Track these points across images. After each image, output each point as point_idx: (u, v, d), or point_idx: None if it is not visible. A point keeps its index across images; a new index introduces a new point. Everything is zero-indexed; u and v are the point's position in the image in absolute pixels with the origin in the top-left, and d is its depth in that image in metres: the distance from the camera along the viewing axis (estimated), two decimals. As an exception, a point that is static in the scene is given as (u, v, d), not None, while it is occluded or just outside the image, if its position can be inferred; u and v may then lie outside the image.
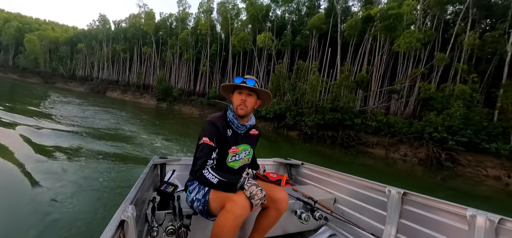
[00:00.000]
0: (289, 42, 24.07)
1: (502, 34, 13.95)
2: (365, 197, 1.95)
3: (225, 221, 1.22)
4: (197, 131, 15.09)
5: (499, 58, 14.36)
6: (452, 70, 15.55)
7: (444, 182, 10.95)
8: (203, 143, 1.40)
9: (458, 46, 15.69)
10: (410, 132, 13.98)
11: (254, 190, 1.23)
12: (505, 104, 12.04)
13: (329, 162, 12.09)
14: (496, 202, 8.60)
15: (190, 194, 1.51)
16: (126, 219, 0.95)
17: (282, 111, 17.88)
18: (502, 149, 11.48)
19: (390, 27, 14.67)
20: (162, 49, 38.12)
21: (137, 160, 6.73)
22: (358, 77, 16.42)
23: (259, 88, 1.49)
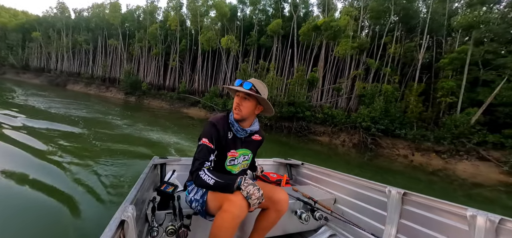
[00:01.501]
0: (255, 42, 26.23)
1: (415, 46, 17.83)
2: (365, 197, 1.95)
3: (222, 221, 1.21)
4: (167, 121, 16.50)
5: (414, 64, 18.30)
6: (381, 73, 19.23)
7: (370, 161, 14.06)
8: (202, 143, 1.38)
9: (387, 53, 19.41)
10: (348, 122, 17.23)
11: (251, 190, 1.21)
12: (411, 102, 15.80)
13: (285, 148, 14.49)
14: (403, 174, 11.54)
15: (189, 194, 1.51)
16: (126, 219, 0.94)
17: (246, 105, 20.02)
18: (408, 134, 15.17)
19: (332, 36, 17.71)
20: (130, 42, 37.48)
21: (122, 141, 8.17)
22: (310, 76, 19.34)
23: (254, 93, 1.43)
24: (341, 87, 19.69)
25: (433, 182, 10.88)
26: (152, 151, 7.53)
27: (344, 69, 21.84)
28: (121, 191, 3.94)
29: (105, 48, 40.35)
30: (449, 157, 13.70)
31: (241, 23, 28.85)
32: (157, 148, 8.35)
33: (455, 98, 15.08)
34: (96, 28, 40.33)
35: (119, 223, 0.92)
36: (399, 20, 19.15)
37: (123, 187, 4.15)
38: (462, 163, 13.44)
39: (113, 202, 3.52)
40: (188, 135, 12.23)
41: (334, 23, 16.81)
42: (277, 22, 21.47)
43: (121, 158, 6.05)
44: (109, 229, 0.86)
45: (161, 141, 9.61)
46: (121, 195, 3.77)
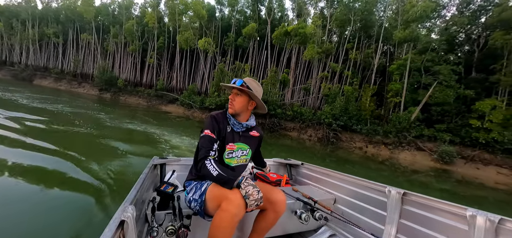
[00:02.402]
0: (232, 43, 27.46)
1: (372, 52, 20.39)
2: (365, 197, 1.96)
3: (221, 220, 1.22)
4: (146, 116, 17.18)
5: (371, 68, 20.89)
6: (344, 75, 21.62)
7: (332, 152, 16.05)
8: (205, 134, 1.45)
9: (349, 58, 21.84)
10: (314, 119, 19.29)
11: (250, 190, 1.23)
12: (364, 101, 18.25)
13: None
14: (359, 163, 13.46)
15: (187, 194, 1.52)
16: (126, 219, 0.95)
17: (222, 103, 21.34)
18: (363, 129, 17.55)
19: (301, 41, 19.65)
20: (104, 37, 36.56)
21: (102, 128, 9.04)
22: (282, 77, 21.14)
23: (247, 90, 1.55)
24: (309, 87, 21.79)
25: (382, 169, 12.97)
26: (144, 139, 8.67)
27: (313, 71, 24.01)
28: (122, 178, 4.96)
29: (76, 42, 38.82)
30: (394, 148, 16.26)
31: (220, 23, 29.86)
32: (151, 142, 9.28)
33: (401, 99, 17.75)
34: (67, 21, 38.59)
35: (119, 223, 0.91)
36: (359, 29, 21.65)
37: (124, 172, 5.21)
38: (404, 153, 16.06)
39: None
40: (171, 128, 13.24)
41: (302, 30, 18.72)
42: (251, 26, 22.97)
43: (112, 144, 7.10)
44: (109, 229, 0.86)
45: (155, 134, 10.56)
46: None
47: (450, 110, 16.25)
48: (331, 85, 20.66)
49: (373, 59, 20.12)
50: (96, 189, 3.90)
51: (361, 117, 18.11)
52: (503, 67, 16.60)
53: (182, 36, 25.74)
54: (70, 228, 2.78)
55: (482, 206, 7.83)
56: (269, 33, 23.89)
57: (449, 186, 11.12)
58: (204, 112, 23.39)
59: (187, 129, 14.56)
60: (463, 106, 16.25)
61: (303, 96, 23.53)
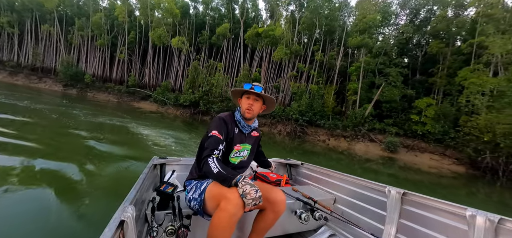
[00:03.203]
0: (206, 40, 27.94)
1: (335, 54, 22.56)
2: (365, 197, 1.97)
3: (219, 220, 1.23)
4: (120, 112, 17.15)
5: (334, 69, 23.09)
6: (311, 75, 23.57)
7: (299, 145, 17.58)
8: (212, 135, 1.46)
9: (315, 59, 23.83)
10: (283, 115, 20.88)
11: (247, 189, 1.22)
12: (327, 98, 20.31)
13: None
14: (322, 154, 14.92)
15: (188, 194, 1.54)
16: (126, 219, 0.95)
17: (197, 100, 21.95)
18: (326, 124, 19.55)
19: (271, 42, 21.08)
20: (68, 30, 34.38)
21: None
22: (254, 75, 22.38)
23: (265, 95, 1.61)
24: (279, 85, 23.37)
25: (341, 159, 14.77)
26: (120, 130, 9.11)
27: (283, 70, 25.64)
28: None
29: (35, 33, 35.87)
30: (351, 140, 18.47)
31: (194, 20, 30.04)
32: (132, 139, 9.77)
33: (357, 97, 20.09)
34: (23, 10, 35.41)
35: (118, 223, 0.92)
36: (325, 33, 23.72)
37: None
38: (359, 144, 18.34)
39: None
40: (146, 121, 13.60)
41: (272, 32, 20.10)
42: (224, 27, 23.82)
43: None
44: (109, 229, 0.86)
45: (130, 128, 10.98)
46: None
47: (396, 107, 18.91)
48: (299, 84, 22.44)
49: (335, 61, 22.28)
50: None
51: (324, 113, 20.12)
52: (438, 71, 19.74)
53: (155, 33, 25.60)
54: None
55: (417, 186, 9.67)
56: (243, 32, 24.95)
57: (393, 171, 13.13)
58: (178, 109, 23.72)
59: (168, 124, 15.03)
60: (406, 103, 18.99)
61: (273, 94, 25.07)
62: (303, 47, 24.21)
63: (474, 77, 15.02)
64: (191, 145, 9.71)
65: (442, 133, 16.22)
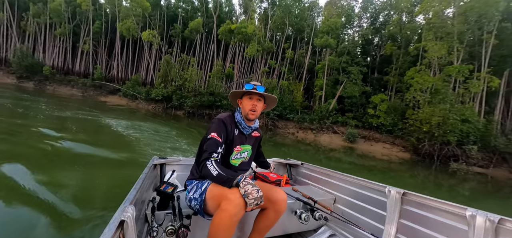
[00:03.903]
0: (179, 34, 27.57)
1: (304, 52, 24.05)
2: (364, 197, 1.97)
3: (220, 220, 1.23)
4: (90, 108, 16.52)
5: (303, 66, 24.63)
6: (282, 71, 24.85)
7: (270, 138, 18.58)
8: (211, 137, 1.45)
9: (286, 56, 25.13)
10: (255, 109, 21.83)
11: (249, 189, 1.22)
12: (296, 94, 21.79)
13: (195, 134, 17.16)
14: (292, 146, 15.96)
15: (188, 193, 1.54)
16: (126, 219, 0.95)
17: (169, 94, 21.86)
18: (295, 117, 20.99)
19: (243, 39, 21.82)
20: (22, 16, 31.14)
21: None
22: (227, 71, 22.94)
23: (268, 94, 1.62)
24: (252, 81, 24.25)
25: (309, 150, 16.10)
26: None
27: (255, 66, 26.56)
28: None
29: (-21, 18, 31.78)
30: (317, 132, 20.16)
31: (165, 12, 29.33)
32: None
33: (323, 92, 21.84)
34: (-37, -9, 31.10)
35: (118, 223, 0.92)
36: (295, 32, 25.07)
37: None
38: (324, 136, 20.10)
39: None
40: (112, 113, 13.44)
41: (244, 29, 20.80)
42: (197, 22, 23.86)
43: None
44: (109, 229, 0.86)
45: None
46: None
47: (356, 102, 21.02)
48: (271, 80, 23.56)
49: (304, 59, 23.79)
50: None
51: (294, 107, 21.53)
52: (392, 70, 22.28)
53: (124, 25, 24.61)
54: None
55: (372, 172, 11.06)
56: (216, 27, 25.21)
57: (353, 159, 14.80)
58: (150, 103, 23.35)
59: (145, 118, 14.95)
60: (365, 99, 21.20)
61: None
62: (275, 44, 25.33)
63: (418, 77, 17.46)
64: (171, 136, 10.14)
65: (392, 125, 18.61)
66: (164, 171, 2.23)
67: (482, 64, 17.07)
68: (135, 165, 5.35)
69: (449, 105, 15.45)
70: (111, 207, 2.92)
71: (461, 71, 15.92)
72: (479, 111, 17.61)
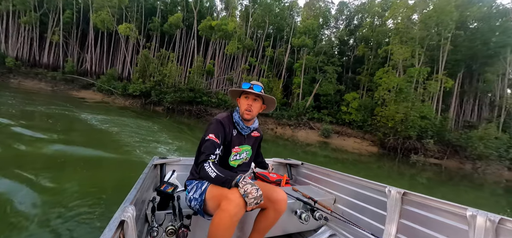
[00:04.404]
0: (158, 28, 26.94)
1: (283, 51, 24.86)
2: (365, 197, 1.97)
3: (220, 220, 1.23)
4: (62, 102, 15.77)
5: (282, 64, 25.47)
6: (262, 69, 25.49)
7: None
8: (209, 139, 1.44)
9: (266, 54, 25.77)
10: (236, 105, 22.25)
11: (248, 189, 1.22)
12: (275, 91, 22.60)
13: (187, 127, 16.30)
14: (271, 141, 16.49)
15: (188, 193, 1.54)
16: (126, 219, 0.95)
17: (148, 90, 21.50)
18: (274, 114, 21.77)
19: (224, 36, 22.07)
20: (-22, 1, 28.30)
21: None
22: (207, 67, 23.05)
23: (265, 95, 1.57)
24: (232, 77, 24.63)
25: (287, 144, 16.82)
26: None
27: (236, 63, 26.92)
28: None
29: None
30: (295, 128, 21.15)
31: (143, 4, 28.41)
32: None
33: (300, 90, 22.87)
34: None
35: (118, 223, 0.92)
36: (275, 30, 25.77)
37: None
38: (301, 131, 21.14)
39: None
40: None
41: (224, 27, 21.03)
42: (177, 16, 23.58)
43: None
44: (109, 229, 0.86)
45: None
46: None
47: (331, 99, 22.32)
48: (251, 77, 24.07)
49: (284, 57, 24.62)
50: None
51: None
52: (363, 70, 23.90)
53: (98, 17, 23.53)
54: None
55: (344, 164, 11.91)
56: (196, 23, 25.08)
57: (327, 153, 15.82)
58: (127, 99, 22.76)
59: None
60: (339, 97, 22.58)
61: (227, 86, 26.23)
62: (255, 41, 25.84)
63: (385, 77, 19.04)
64: (153, 129, 10.23)
65: (363, 121, 20.13)
66: (164, 171, 2.24)
67: (440, 67, 19.08)
68: (124, 162, 5.48)
69: (410, 104, 17.13)
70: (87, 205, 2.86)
71: (421, 73, 17.69)
72: (437, 109, 19.69)
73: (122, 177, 4.25)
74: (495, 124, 18.47)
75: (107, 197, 3.13)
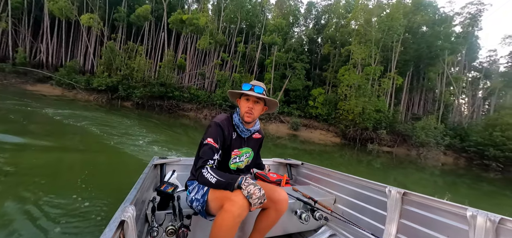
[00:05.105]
0: (124, 18, 25.58)
1: (255, 47, 25.56)
2: (365, 197, 1.98)
3: (223, 220, 1.23)
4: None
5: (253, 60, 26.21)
6: (234, 64, 25.92)
7: None
8: (207, 143, 1.41)
9: (238, 50, 26.24)
10: (209, 101, 22.52)
11: (252, 189, 1.22)
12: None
13: (153, 125, 15.85)
14: None
15: (190, 194, 1.52)
16: (126, 219, 0.95)
17: (115, 84, 20.60)
18: (246, 108, 22.43)
19: (196, 31, 22.01)
20: None
21: None
22: (179, 61, 22.77)
23: (267, 98, 1.53)
24: (205, 72, 24.70)
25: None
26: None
27: (208, 58, 26.93)
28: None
29: None
30: (266, 122, 22.15)
31: (107, -6, 26.66)
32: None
33: (271, 85, 23.90)
34: None
35: (119, 223, 0.92)
36: (247, 26, 26.30)
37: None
38: (272, 125, 22.23)
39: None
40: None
41: (196, 21, 20.95)
42: (145, 8, 22.74)
43: None
44: (109, 229, 0.86)
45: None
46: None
47: (300, 94, 23.76)
48: (223, 72, 24.43)
49: (255, 53, 25.35)
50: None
51: (245, 99, 22.98)
52: (329, 68, 25.76)
53: (55, 4, 21.62)
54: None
55: (312, 155, 12.60)
56: (167, 15, 24.44)
57: (296, 145, 16.85)
58: (92, 93, 21.52)
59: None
60: (307, 92, 24.12)
61: (199, 81, 26.19)
62: (228, 36, 26.10)
63: (347, 75, 20.91)
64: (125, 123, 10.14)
65: (327, 115, 21.91)
66: (164, 171, 2.23)
67: (392, 66, 21.55)
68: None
69: (367, 99, 19.19)
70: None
71: (376, 71, 19.83)
72: (390, 103, 22.28)
73: (115, 174, 4.41)
74: (435, 116, 21.61)
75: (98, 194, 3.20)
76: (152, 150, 6.44)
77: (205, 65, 25.61)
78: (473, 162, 18.09)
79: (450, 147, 19.26)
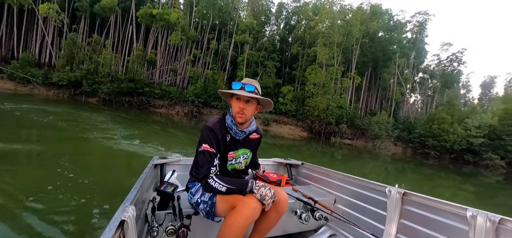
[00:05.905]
0: (87, 9, 24.05)
1: (227, 44, 26.03)
2: (365, 197, 1.98)
3: (234, 221, 1.23)
4: None
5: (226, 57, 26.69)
6: (206, 61, 26.13)
7: (196, 125, 19.49)
8: (203, 149, 1.37)
9: (210, 47, 26.47)
10: (181, 97, 22.50)
11: (263, 192, 1.25)
12: (220, 83, 23.85)
13: (127, 121, 16.15)
14: None
15: (193, 196, 1.49)
16: (126, 219, 0.95)
17: (78, 79, 19.50)
18: (218, 105, 22.95)
19: (166, 26, 21.76)
20: None
21: None
22: (149, 57, 22.29)
23: (259, 97, 1.47)
24: (177, 68, 24.52)
25: None
26: None
27: (180, 54, 26.69)
28: None
29: None
30: (238, 118, 22.93)
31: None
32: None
33: (244, 83, 24.70)
34: None
35: (119, 223, 0.91)
36: (219, 24, 26.61)
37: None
38: (244, 121, 23.04)
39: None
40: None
41: (166, 17, 20.71)
42: (111, 0, 21.72)
43: None
44: (109, 229, 0.86)
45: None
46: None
47: (271, 91, 24.95)
48: (196, 69, 24.51)
49: (228, 50, 25.84)
50: None
51: (217, 96, 23.44)
52: (298, 67, 27.37)
53: (5, -10, 19.57)
54: None
55: (281, 148, 13.18)
56: (135, 7, 23.60)
57: (267, 139, 17.46)
58: (51, 89, 20.06)
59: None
60: (277, 89, 25.42)
61: (171, 77, 25.88)
62: (200, 32, 26.12)
63: (313, 74, 22.59)
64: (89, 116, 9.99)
65: (296, 111, 23.47)
66: (164, 171, 2.23)
67: (352, 66, 23.82)
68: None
69: (330, 96, 21.05)
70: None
71: (338, 71, 21.81)
72: (350, 100, 24.60)
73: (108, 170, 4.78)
74: (388, 111, 24.49)
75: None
76: (131, 142, 6.81)
77: (177, 61, 25.37)
78: (417, 151, 21.07)
79: (399, 139, 22.13)
